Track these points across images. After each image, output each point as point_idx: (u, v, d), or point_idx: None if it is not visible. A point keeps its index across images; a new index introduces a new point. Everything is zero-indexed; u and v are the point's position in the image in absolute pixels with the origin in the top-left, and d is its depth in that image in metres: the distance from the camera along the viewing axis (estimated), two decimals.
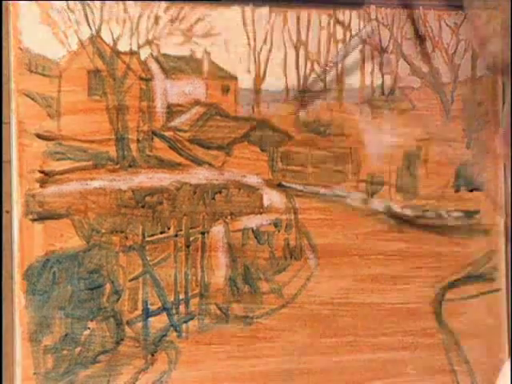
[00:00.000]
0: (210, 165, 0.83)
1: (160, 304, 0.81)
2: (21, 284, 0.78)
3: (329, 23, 0.86)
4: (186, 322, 0.82)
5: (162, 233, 0.82)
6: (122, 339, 0.80)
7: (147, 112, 0.81)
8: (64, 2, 0.79)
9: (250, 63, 0.84)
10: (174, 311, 0.82)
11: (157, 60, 0.82)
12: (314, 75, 0.84)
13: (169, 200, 0.82)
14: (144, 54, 0.82)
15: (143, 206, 0.81)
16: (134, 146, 0.81)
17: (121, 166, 0.81)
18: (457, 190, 0.89)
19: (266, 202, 0.84)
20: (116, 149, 0.81)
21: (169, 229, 0.82)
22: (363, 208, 0.87)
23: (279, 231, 0.84)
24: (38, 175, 0.79)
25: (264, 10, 0.84)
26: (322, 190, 0.86)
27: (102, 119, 0.80)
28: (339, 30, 0.86)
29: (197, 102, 0.83)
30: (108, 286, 0.80)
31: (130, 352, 0.81)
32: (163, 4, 0.82)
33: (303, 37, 0.85)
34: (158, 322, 0.81)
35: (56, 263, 0.79)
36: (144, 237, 0.81)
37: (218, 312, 0.83)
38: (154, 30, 0.82)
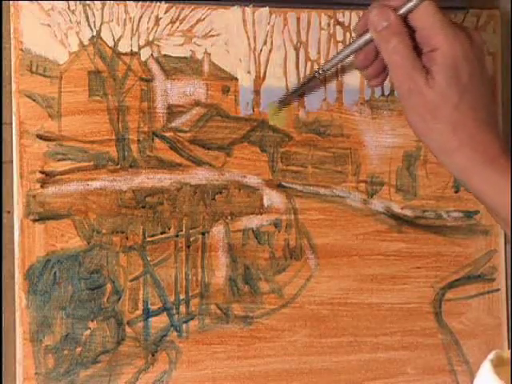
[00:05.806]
0: (210, 165, 0.83)
1: (160, 304, 0.82)
2: (22, 284, 0.78)
3: (329, 24, 0.86)
4: (186, 321, 0.82)
5: (162, 233, 0.82)
6: (123, 339, 0.81)
7: (148, 113, 0.82)
8: (65, 3, 0.80)
9: (250, 64, 0.84)
10: (174, 311, 0.82)
11: (157, 61, 0.82)
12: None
13: (169, 200, 0.82)
14: (144, 54, 0.82)
15: (144, 207, 0.81)
16: (134, 147, 0.81)
17: (121, 167, 0.81)
18: (456, 191, 0.89)
19: (266, 203, 0.84)
20: (116, 149, 0.81)
21: (169, 229, 0.82)
22: (363, 208, 0.87)
23: (279, 231, 0.85)
24: (39, 176, 0.79)
25: (264, 11, 0.84)
26: (322, 191, 0.86)
27: (103, 120, 0.81)
28: (339, 31, 0.86)
29: (197, 103, 0.83)
30: (109, 286, 0.80)
31: (130, 352, 0.81)
32: (163, 5, 0.82)
33: (303, 38, 0.85)
34: (159, 322, 0.82)
35: (57, 263, 0.79)
36: (144, 237, 0.81)
37: (219, 312, 0.83)
38: (155, 31, 0.82)
